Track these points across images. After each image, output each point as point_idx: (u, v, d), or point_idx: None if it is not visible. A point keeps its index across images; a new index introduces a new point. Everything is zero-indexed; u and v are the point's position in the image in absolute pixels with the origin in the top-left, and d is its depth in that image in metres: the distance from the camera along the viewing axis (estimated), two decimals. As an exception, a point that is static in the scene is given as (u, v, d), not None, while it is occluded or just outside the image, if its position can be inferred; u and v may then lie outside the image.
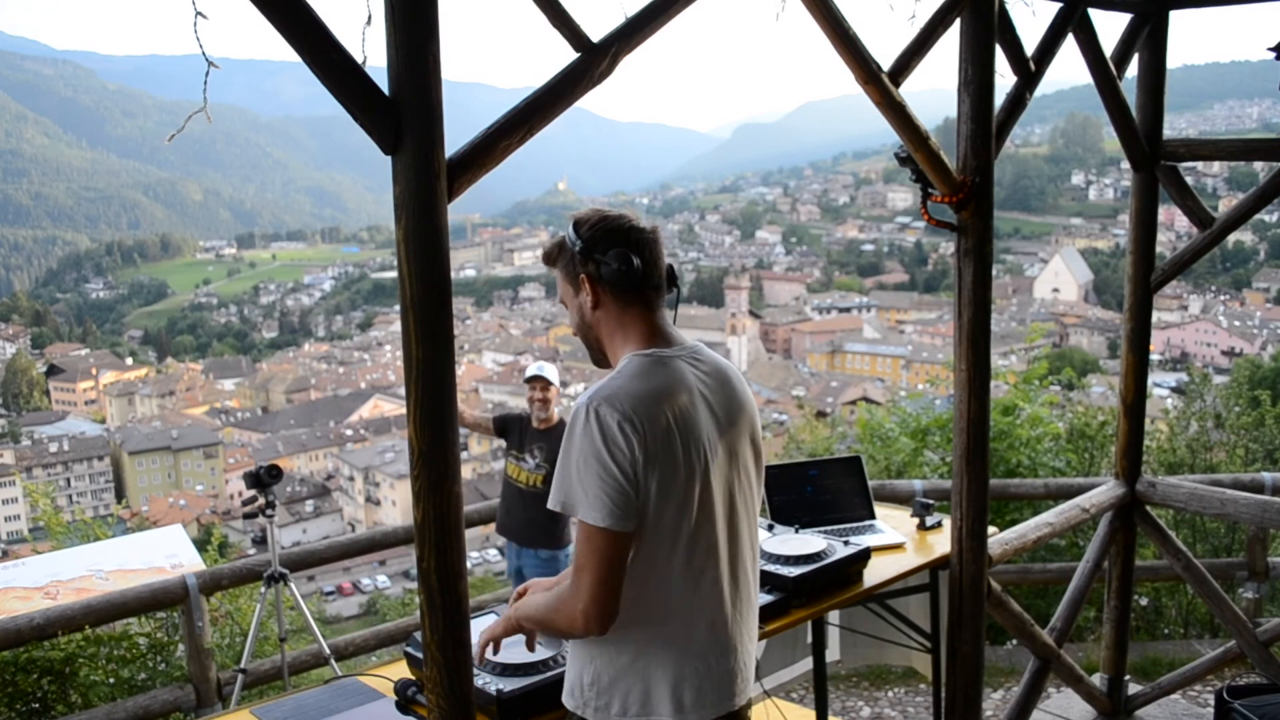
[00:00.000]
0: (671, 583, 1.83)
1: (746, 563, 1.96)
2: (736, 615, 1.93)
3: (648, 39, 1.98)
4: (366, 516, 57.76)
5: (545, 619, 1.88)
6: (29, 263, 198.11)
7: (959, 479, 3.01)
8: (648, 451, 1.75)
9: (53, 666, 4.18)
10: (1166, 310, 78.75)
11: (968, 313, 2.90)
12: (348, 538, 5.04)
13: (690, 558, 1.84)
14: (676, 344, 1.92)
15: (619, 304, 1.91)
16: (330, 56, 1.60)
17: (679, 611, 1.85)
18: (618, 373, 1.85)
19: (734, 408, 1.94)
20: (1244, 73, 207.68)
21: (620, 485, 1.73)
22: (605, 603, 1.75)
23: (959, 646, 3.08)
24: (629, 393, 1.78)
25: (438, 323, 1.71)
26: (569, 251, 1.93)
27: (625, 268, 1.86)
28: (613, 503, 1.73)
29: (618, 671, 1.85)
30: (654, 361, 1.85)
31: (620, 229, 1.90)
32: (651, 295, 1.92)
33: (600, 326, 1.94)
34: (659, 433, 1.76)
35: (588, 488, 1.74)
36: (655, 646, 1.84)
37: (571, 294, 1.97)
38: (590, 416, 1.75)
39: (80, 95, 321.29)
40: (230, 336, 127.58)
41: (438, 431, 1.73)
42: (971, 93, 2.77)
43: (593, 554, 1.75)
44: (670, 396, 1.81)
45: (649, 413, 1.76)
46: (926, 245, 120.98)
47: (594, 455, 1.73)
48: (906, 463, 6.40)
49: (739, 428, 1.94)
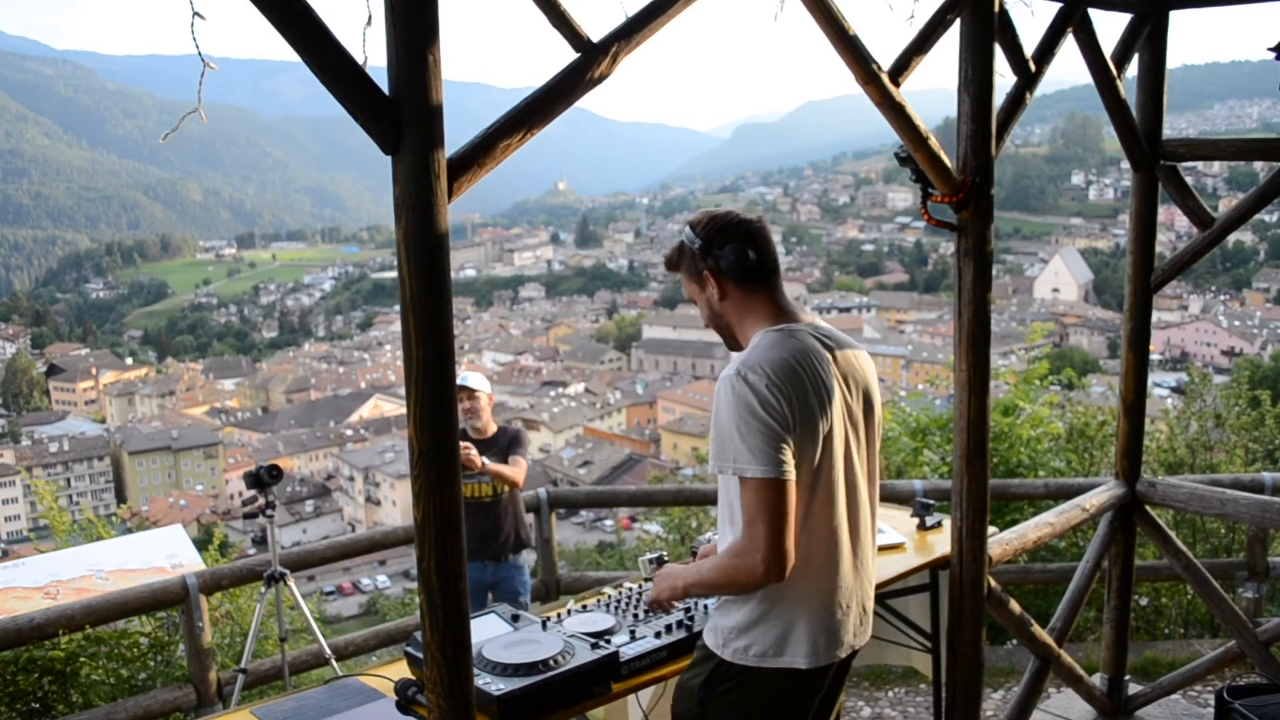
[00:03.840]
0: (809, 536, 1.99)
1: (870, 520, 2.15)
2: (861, 566, 2.11)
3: (648, 39, 1.98)
4: (366, 516, 57.76)
5: (718, 581, 2.01)
6: (29, 263, 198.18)
7: (959, 479, 3.00)
8: (794, 410, 1.92)
9: (53, 666, 4.19)
10: (1166, 310, 78.78)
11: (968, 313, 2.90)
12: (348, 538, 5.04)
13: (826, 513, 2.01)
14: (800, 320, 2.10)
15: (743, 291, 2.10)
16: (330, 56, 1.60)
17: (814, 563, 2.01)
18: (754, 346, 2.02)
19: (859, 376, 2.12)
20: (1244, 73, 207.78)
21: (782, 437, 1.90)
22: (784, 550, 1.90)
23: (959, 646, 3.08)
24: (770, 360, 1.95)
25: (438, 323, 1.71)
26: (689, 252, 2.13)
27: (742, 259, 2.06)
28: (777, 453, 1.89)
29: (758, 616, 2.02)
30: (785, 334, 2.03)
31: (731, 224, 2.10)
32: (770, 278, 2.11)
33: (729, 314, 2.13)
34: (800, 394, 1.94)
35: (752, 445, 1.89)
36: (792, 595, 2.00)
37: (698, 290, 2.16)
38: (739, 382, 1.92)
39: (80, 95, 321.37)
40: (230, 336, 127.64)
41: (438, 431, 1.73)
42: (971, 93, 2.77)
43: (765, 506, 1.89)
44: (803, 363, 1.98)
45: (789, 377, 1.94)
46: (926, 245, 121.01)
47: (752, 414, 1.89)
48: (906, 463, 6.40)
49: (864, 395, 2.12)
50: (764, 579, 1.92)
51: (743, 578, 1.94)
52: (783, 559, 1.89)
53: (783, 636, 2.01)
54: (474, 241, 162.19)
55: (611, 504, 8.82)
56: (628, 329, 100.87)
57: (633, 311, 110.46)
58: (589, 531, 45.62)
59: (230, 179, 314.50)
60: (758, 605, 2.01)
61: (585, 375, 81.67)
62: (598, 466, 56.27)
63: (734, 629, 2.04)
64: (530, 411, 67.60)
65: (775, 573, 1.90)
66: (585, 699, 2.19)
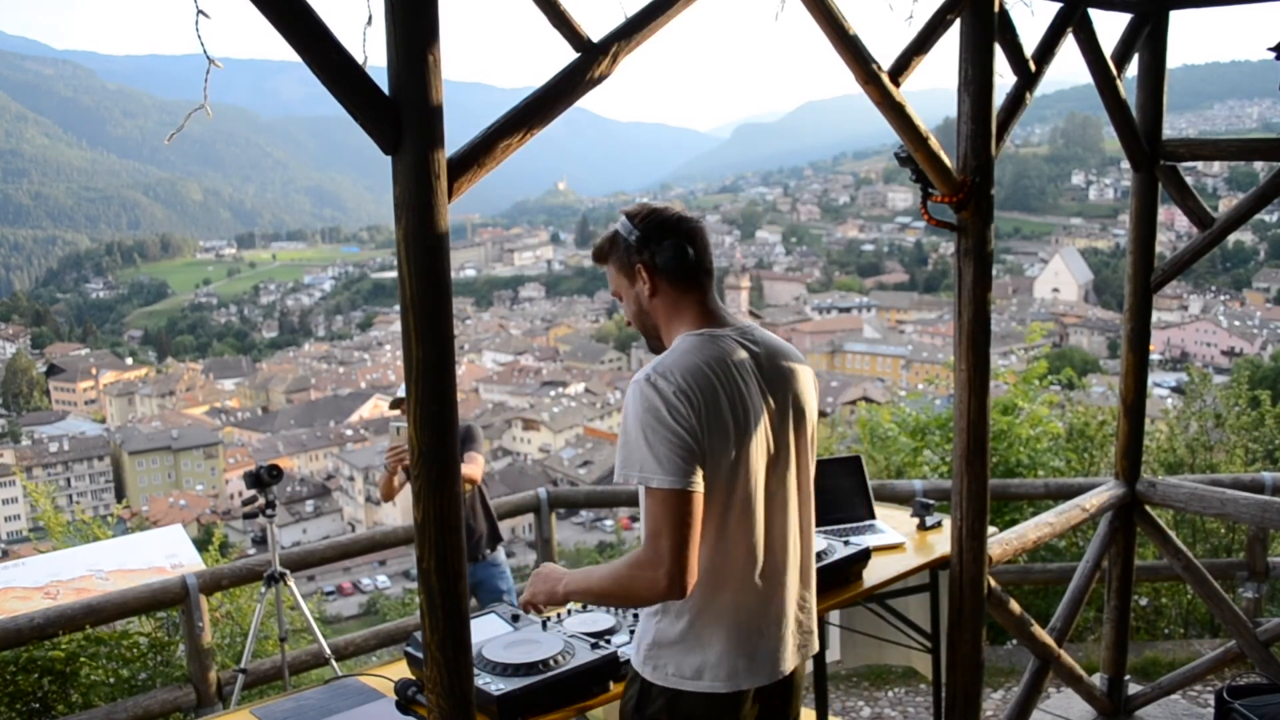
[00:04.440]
0: (724, 550, 1.89)
1: (800, 533, 2.02)
2: (788, 583, 1.99)
3: (648, 39, 1.98)
4: (366, 516, 57.74)
5: (611, 590, 1.90)
6: (29, 263, 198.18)
7: (959, 479, 3.00)
8: (703, 419, 1.82)
9: (53, 666, 4.18)
10: (1166, 310, 78.78)
11: (968, 313, 2.90)
12: (348, 538, 5.03)
13: (744, 528, 1.90)
14: (729, 324, 2.00)
15: (675, 290, 2.00)
16: (330, 56, 1.60)
17: (732, 581, 1.90)
18: (671, 350, 1.94)
19: (786, 383, 2.00)
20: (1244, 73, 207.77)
21: (689, 445, 1.80)
22: (687, 565, 1.79)
23: (959, 646, 3.08)
24: (683, 365, 1.86)
25: (438, 323, 1.70)
26: (623, 243, 2.02)
27: (680, 257, 1.97)
28: (684, 463, 1.79)
29: (675, 636, 1.91)
30: (705, 339, 1.93)
31: (671, 219, 2.01)
32: (704, 280, 2.02)
33: (657, 313, 2.03)
34: (712, 402, 1.84)
35: (658, 453, 1.79)
36: (709, 614, 1.90)
37: (627, 285, 2.05)
38: (647, 388, 1.83)
39: (80, 95, 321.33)
40: (230, 336, 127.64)
41: (438, 431, 1.73)
42: (971, 93, 2.77)
43: (670, 517, 1.79)
44: (720, 369, 1.88)
45: (700, 382, 1.84)
46: (926, 245, 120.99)
47: (659, 421, 1.80)
48: (906, 463, 6.39)
49: (791, 403, 2.00)
50: (665, 594, 1.81)
51: (641, 590, 1.83)
52: (685, 574, 1.79)
53: (700, 658, 1.90)
54: (474, 241, 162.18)
55: (611, 504, 8.78)
56: (628, 329, 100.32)
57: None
58: (589, 531, 45.67)
59: (230, 179, 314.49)
60: (674, 622, 1.91)
61: (585, 375, 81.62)
62: (598, 466, 56.25)
63: (653, 646, 1.94)
64: (530, 411, 67.61)
65: (677, 589, 1.79)
66: (585, 699, 2.19)
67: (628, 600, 1.92)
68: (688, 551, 1.79)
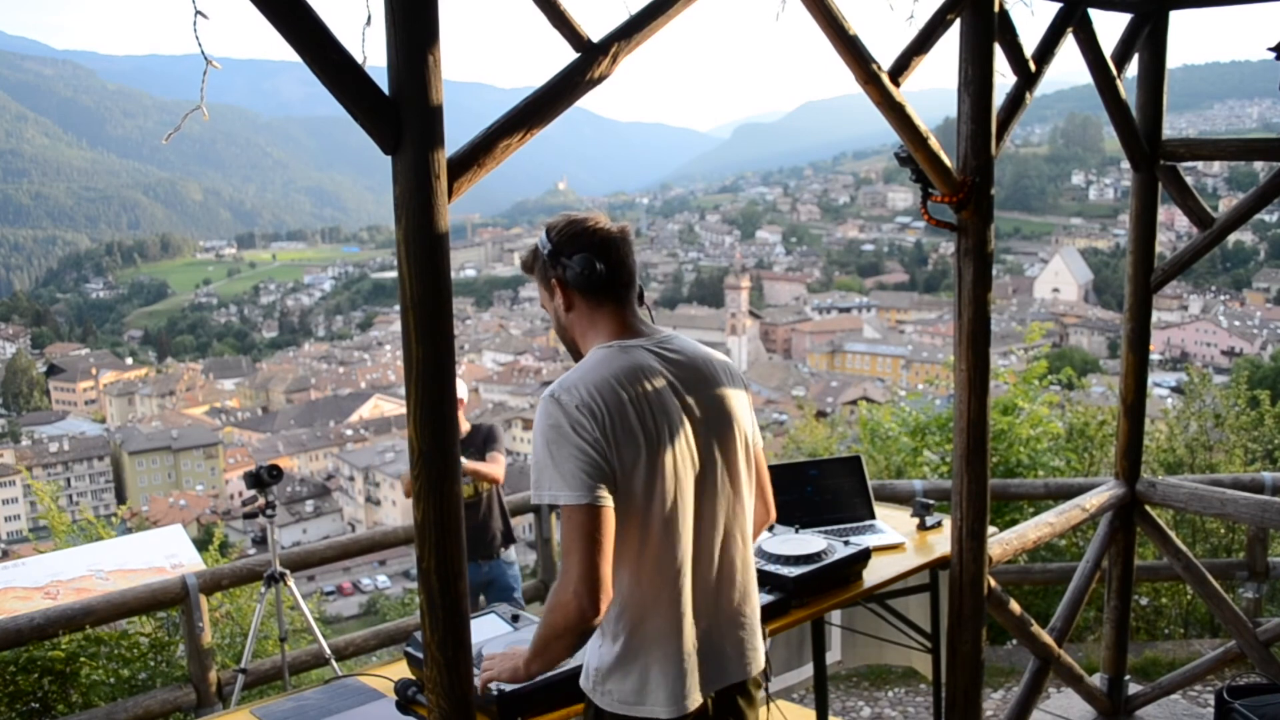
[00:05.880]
0: (650, 568, 1.84)
1: (733, 546, 1.96)
2: (721, 600, 1.94)
3: (648, 39, 1.98)
4: (366, 516, 57.76)
5: (544, 637, 1.84)
6: (29, 263, 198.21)
7: (959, 479, 3.00)
8: (610, 432, 1.78)
9: (53, 666, 4.18)
10: (1166, 310, 78.80)
11: (968, 313, 2.90)
12: (348, 538, 5.04)
13: (667, 544, 1.84)
14: (644, 335, 1.95)
15: (589, 304, 1.95)
16: (330, 56, 1.60)
17: (661, 600, 1.85)
18: (578, 365, 1.90)
19: (708, 391, 1.94)
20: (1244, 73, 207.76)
21: (594, 459, 1.75)
22: (597, 580, 1.74)
23: (959, 646, 3.08)
24: (585, 379, 1.82)
25: (438, 323, 1.71)
26: (541, 257, 1.98)
27: (589, 271, 1.91)
28: (589, 478, 1.75)
29: (612, 661, 1.88)
30: (615, 350, 1.89)
31: (584, 232, 1.93)
32: (621, 293, 1.96)
33: (574, 328, 2.00)
34: (618, 414, 1.79)
35: (563, 469, 1.76)
36: (642, 636, 1.86)
37: (548, 298, 2.02)
38: (551, 404, 1.80)
39: (80, 95, 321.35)
40: (230, 336, 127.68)
41: (438, 431, 1.73)
42: (971, 93, 2.77)
43: (577, 533, 1.75)
44: (628, 381, 1.83)
45: (605, 396, 1.80)
46: (926, 245, 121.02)
47: (562, 437, 1.77)
48: (906, 463, 6.39)
49: (714, 411, 1.94)
50: (579, 616, 1.75)
51: (560, 619, 1.77)
52: (596, 590, 1.74)
53: (639, 683, 1.86)
54: (474, 241, 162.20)
55: (611, 504, 8.81)
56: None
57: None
58: (589, 531, 45.60)
59: (230, 179, 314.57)
60: (611, 646, 1.87)
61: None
62: (598, 466, 56.16)
63: (595, 672, 1.91)
64: (530, 411, 67.48)
65: (590, 606, 1.74)
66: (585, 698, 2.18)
67: (558, 635, 1.82)
68: (596, 568, 1.74)
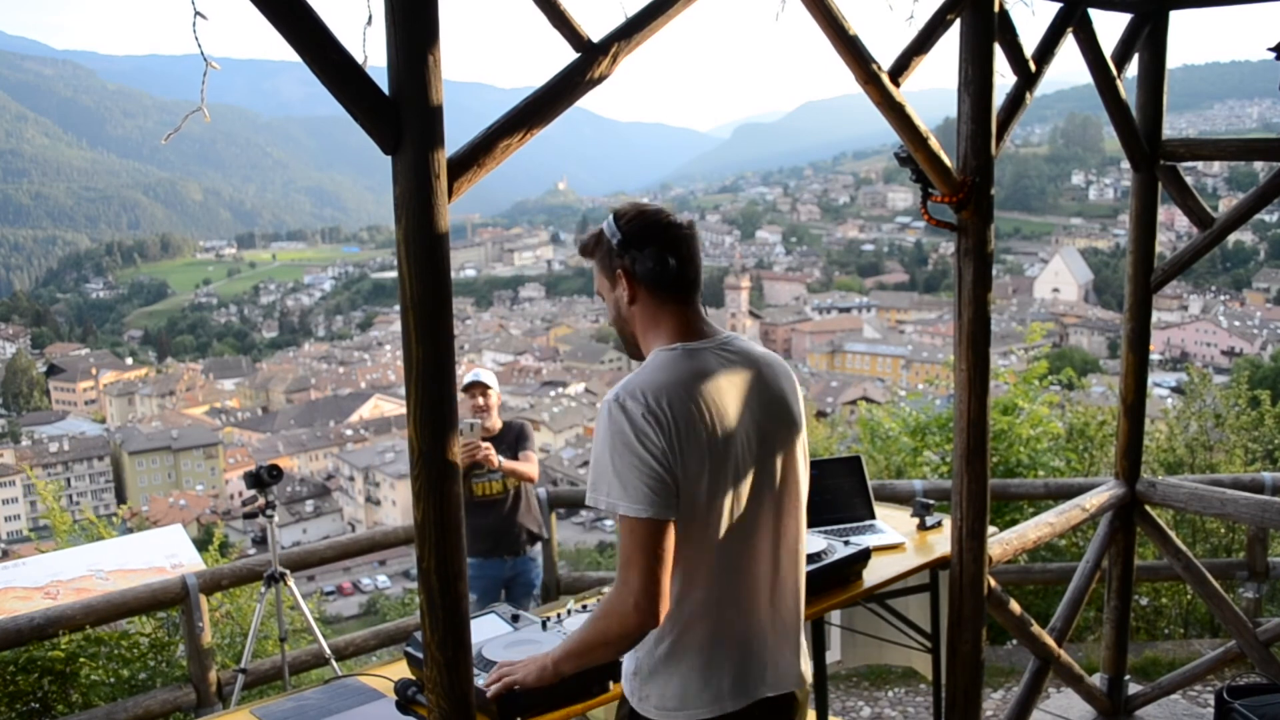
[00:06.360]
0: (707, 574, 1.82)
1: (791, 554, 1.94)
2: (774, 603, 1.92)
3: (648, 39, 1.98)
4: (366, 516, 57.77)
5: (589, 641, 1.84)
6: (29, 263, 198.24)
7: (959, 479, 3.00)
8: (676, 440, 1.74)
9: (53, 666, 4.18)
10: (1166, 310, 78.80)
11: (968, 313, 2.90)
12: (348, 538, 5.04)
13: (725, 548, 1.82)
14: (707, 337, 1.91)
15: (655, 300, 1.90)
16: (330, 56, 1.60)
17: (715, 602, 1.84)
18: (643, 367, 1.86)
19: (770, 395, 1.91)
20: (1244, 73, 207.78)
21: (657, 473, 1.72)
22: (657, 593, 1.73)
23: (959, 646, 3.08)
24: (652, 384, 1.77)
25: (438, 323, 1.70)
26: (606, 244, 1.92)
27: (660, 267, 1.87)
28: (652, 491, 1.72)
29: (655, 663, 1.85)
30: (680, 354, 1.85)
31: (656, 225, 1.89)
32: (687, 292, 1.92)
33: (635, 321, 1.94)
34: (685, 422, 1.75)
35: (626, 480, 1.72)
36: (691, 638, 1.83)
37: (608, 287, 1.96)
38: (616, 410, 1.75)
39: (80, 95, 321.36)
40: (230, 336, 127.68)
41: (438, 431, 1.73)
42: (971, 93, 2.77)
43: (638, 546, 1.73)
44: (694, 386, 1.80)
45: (672, 402, 1.76)
46: (926, 245, 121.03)
47: (626, 447, 1.73)
48: (906, 463, 6.39)
49: (774, 415, 1.91)
50: (638, 626, 1.74)
51: (616, 627, 1.76)
52: (656, 601, 1.73)
53: (682, 686, 1.83)
54: (474, 241, 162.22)
55: (611, 504, 8.81)
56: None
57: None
58: (589, 531, 45.61)
59: (230, 179, 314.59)
60: (654, 650, 1.84)
61: (585, 375, 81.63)
62: (598, 466, 56.21)
63: (635, 676, 1.88)
64: (530, 411, 67.52)
65: (651, 618, 1.74)
66: (585, 699, 2.18)
67: (608, 642, 1.82)
68: (658, 580, 1.73)
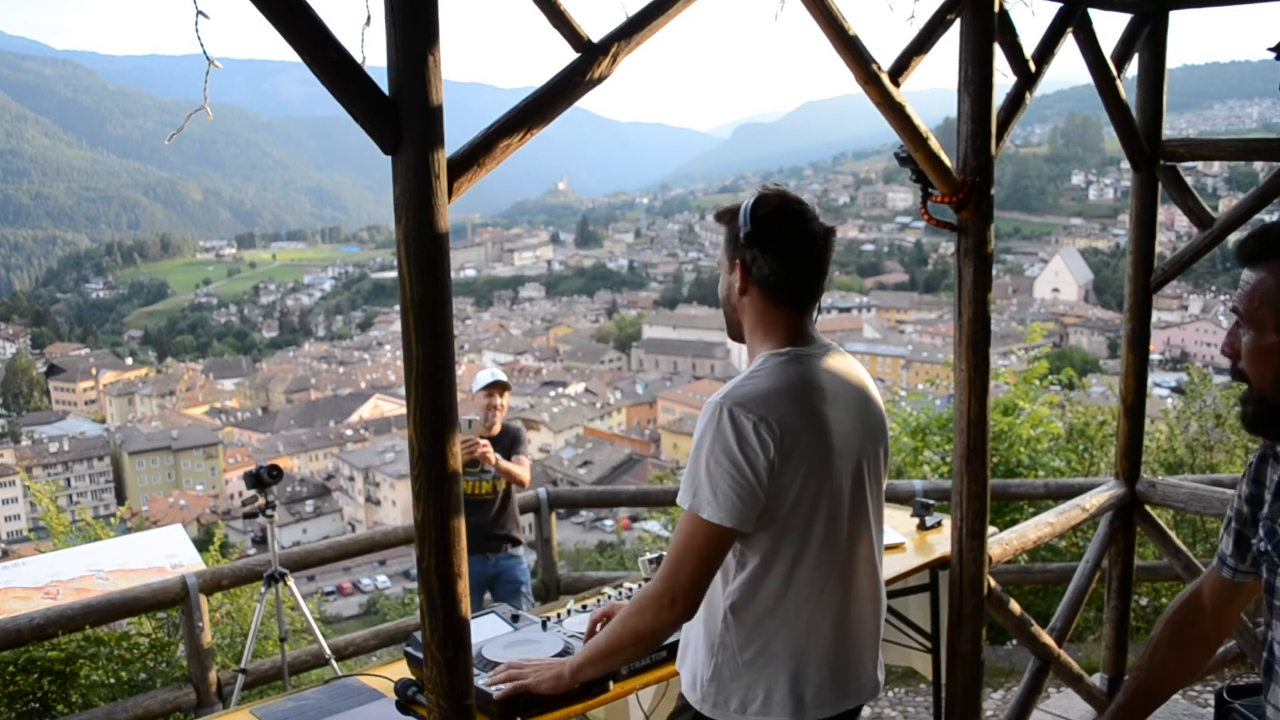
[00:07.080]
0: (800, 582, 1.83)
1: (873, 562, 1.97)
2: (860, 614, 1.94)
3: (648, 39, 1.98)
4: (366, 516, 57.77)
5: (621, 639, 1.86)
6: (29, 263, 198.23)
7: (959, 479, 3.00)
8: (782, 453, 1.74)
9: (53, 666, 4.19)
10: (1166, 310, 78.76)
11: (968, 313, 2.90)
12: (348, 538, 5.04)
13: (820, 557, 1.84)
14: (815, 343, 1.89)
15: (767, 302, 1.87)
16: (330, 56, 1.60)
17: (805, 610, 1.84)
18: (753, 372, 1.83)
19: (864, 409, 1.91)
20: (1244, 73, 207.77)
21: (752, 486, 1.73)
22: (698, 596, 1.77)
23: (959, 646, 3.08)
24: (763, 393, 1.76)
25: (438, 323, 1.70)
26: (737, 229, 1.87)
27: (776, 277, 1.84)
28: (742, 503, 1.72)
29: (740, 667, 1.84)
30: (789, 361, 1.83)
31: (792, 227, 1.84)
32: (802, 302, 1.88)
33: (744, 313, 1.91)
34: (792, 434, 1.75)
35: (718, 486, 1.73)
36: (779, 645, 1.84)
37: (727, 269, 1.92)
38: (725, 416, 1.74)
39: (80, 95, 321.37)
40: (230, 336, 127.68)
41: (438, 431, 1.73)
42: (971, 93, 2.77)
43: (697, 549, 1.75)
44: (803, 397, 1.80)
45: (782, 414, 1.75)
46: (926, 245, 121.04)
47: (727, 455, 1.72)
48: (906, 463, 6.39)
49: (868, 428, 1.92)
50: (671, 622, 1.78)
51: (651, 621, 1.79)
52: (695, 604, 1.78)
53: (765, 691, 1.83)
54: (474, 241, 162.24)
55: (611, 504, 8.86)
56: (628, 329, 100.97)
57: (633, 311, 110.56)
58: (589, 531, 45.65)
59: (230, 179, 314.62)
60: (739, 654, 1.84)
61: (585, 375, 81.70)
62: (598, 466, 56.28)
63: (713, 680, 1.86)
64: (530, 411, 67.61)
65: (685, 616, 1.79)
66: (585, 699, 2.18)
67: (640, 639, 1.85)
68: (703, 585, 1.77)
